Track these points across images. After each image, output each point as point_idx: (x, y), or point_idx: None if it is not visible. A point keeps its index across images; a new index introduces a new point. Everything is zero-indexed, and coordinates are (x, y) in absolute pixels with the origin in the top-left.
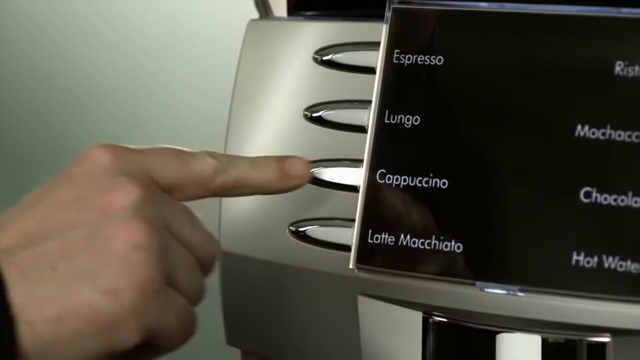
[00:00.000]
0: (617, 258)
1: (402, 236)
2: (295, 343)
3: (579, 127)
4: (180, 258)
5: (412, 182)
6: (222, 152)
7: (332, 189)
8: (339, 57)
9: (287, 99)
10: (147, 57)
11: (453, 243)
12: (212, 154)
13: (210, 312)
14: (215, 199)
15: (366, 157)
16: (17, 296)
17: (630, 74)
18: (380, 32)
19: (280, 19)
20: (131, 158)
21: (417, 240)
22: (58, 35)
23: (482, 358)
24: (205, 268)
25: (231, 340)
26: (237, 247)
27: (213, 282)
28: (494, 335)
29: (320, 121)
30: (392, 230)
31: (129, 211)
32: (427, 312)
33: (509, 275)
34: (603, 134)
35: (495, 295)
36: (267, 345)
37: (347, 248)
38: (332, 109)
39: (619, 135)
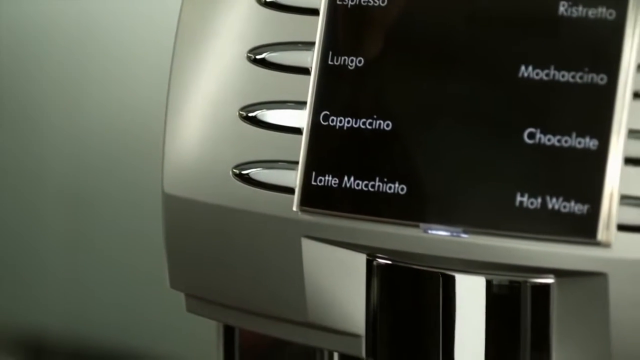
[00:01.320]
0: (560, 199)
1: (345, 178)
2: (239, 286)
3: (523, 68)
4: None
5: (355, 124)
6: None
7: (276, 131)
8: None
9: (230, 41)
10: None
11: (397, 185)
12: None
13: (154, 256)
14: (158, 144)
15: (310, 99)
16: None
17: (574, 14)
18: None
19: None
20: None
21: (360, 182)
22: None
23: (426, 300)
24: None
25: (174, 283)
26: (180, 190)
27: (157, 225)
28: (438, 277)
29: (263, 63)
30: (336, 172)
31: None
32: (371, 254)
33: (452, 217)
34: (547, 75)
35: (439, 237)
36: (210, 289)
37: (290, 190)
38: (275, 50)
39: (563, 76)
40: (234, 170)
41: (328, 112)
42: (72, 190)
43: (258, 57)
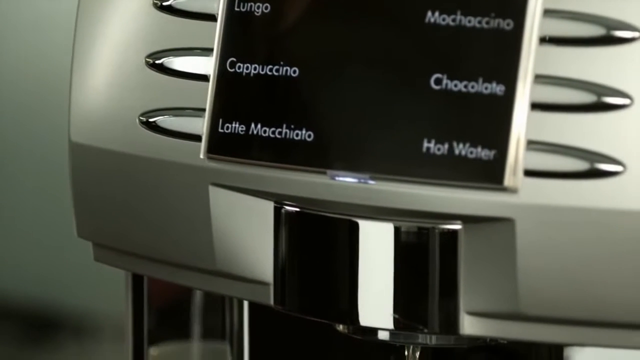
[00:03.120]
0: (467, 145)
1: (252, 125)
2: (146, 234)
3: (430, 13)
4: None
5: (262, 70)
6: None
7: (183, 78)
8: None
9: None
10: None
11: (304, 132)
12: None
13: (62, 205)
14: (65, 91)
15: (216, 46)
16: None
17: None
18: None
19: None
20: None
21: (267, 130)
22: None
23: (333, 247)
24: None
25: (81, 232)
26: (87, 138)
27: (64, 173)
28: (346, 224)
29: (170, 10)
30: (243, 119)
31: None
32: (279, 201)
33: (359, 164)
34: (453, 21)
35: (346, 184)
36: (117, 237)
37: (197, 138)
38: None
39: (469, 22)
40: (141, 118)
41: (235, 59)
42: None
43: (164, 3)
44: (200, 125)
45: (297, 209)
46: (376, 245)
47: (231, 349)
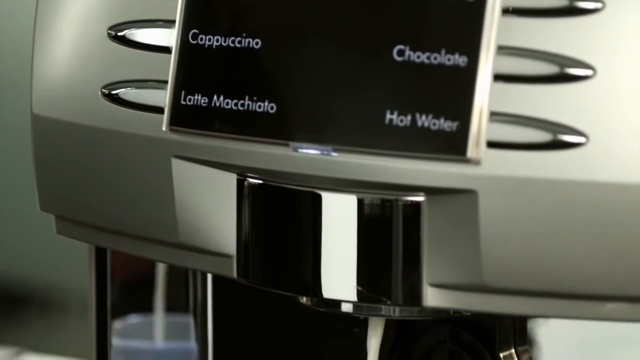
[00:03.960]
0: (430, 116)
1: (215, 97)
2: (109, 207)
3: None
4: None
5: (225, 42)
6: None
7: (145, 50)
8: None
9: None
10: None
11: (266, 104)
12: None
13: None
14: (28, 61)
15: (178, 18)
16: None
17: None
18: None
19: None
20: None
21: (230, 101)
22: None
23: (297, 219)
24: None
25: (44, 205)
26: (49, 111)
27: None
28: (309, 196)
29: None
30: (206, 91)
31: None
32: (242, 173)
33: (322, 136)
34: None
35: (309, 156)
36: (80, 210)
37: (160, 110)
38: None
39: None
40: (103, 90)
41: (197, 31)
42: None
43: None
44: (163, 98)
45: (260, 181)
46: (339, 217)
47: (195, 322)
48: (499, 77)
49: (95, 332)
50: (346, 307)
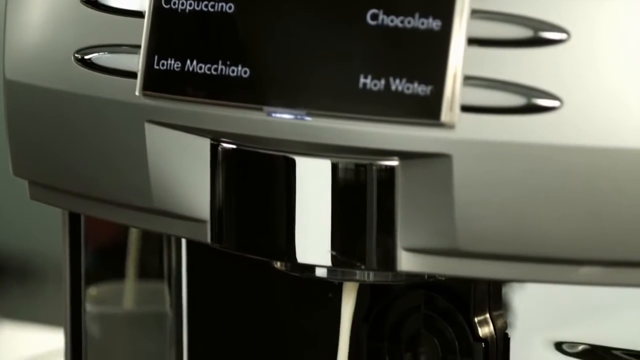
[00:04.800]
0: (404, 80)
1: (188, 62)
2: (82, 172)
3: None
4: None
5: (198, 6)
6: None
7: (118, 15)
8: None
9: None
10: None
11: (240, 68)
12: None
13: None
14: (0, 26)
15: None
16: None
17: None
18: None
19: None
20: None
21: (203, 66)
22: None
23: (271, 184)
24: None
25: (17, 171)
26: (22, 76)
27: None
28: (283, 161)
29: None
30: (179, 55)
31: None
32: (215, 138)
33: (296, 100)
34: None
35: (283, 120)
36: (53, 176)
37: (133, 75)
38: None
39: None
40: (76, 55)
41: None
42: None
43: None
44: (136, 62)
45: (234, 146)
46: (313, 182)
47: (169, 288)
48: (473, 41)
49: (69, 299)
50: (320, 272)
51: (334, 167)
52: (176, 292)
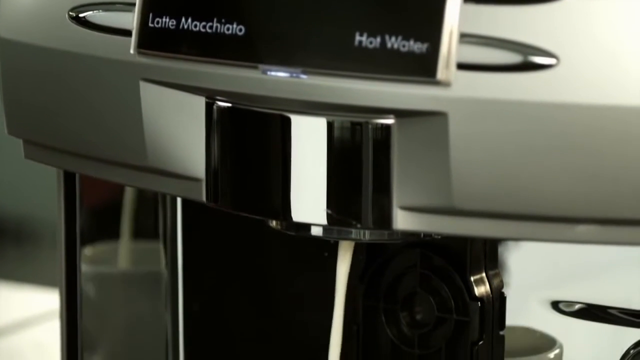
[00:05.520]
0: (400, 38)
1: (183, 19)
2: (77, 131)
3: None
4: None
5: None
6: None
7: None
8: None
9: None
10: None
11: (235, 26)
12: None
13: None
14: None
15: None
16: None
17: None
18: None
19: None
20: None
21: (198, 24)
22: None
23: (266, 142)
24: None
25: (12, 130)
26: (16, 34)
27: None
28: (278, 119)
29: None
30: (174, 13)
31: None
32: (211, 96)
33: (291, 58)
34: None
35: (278, 79)
36: (48, 134)
37: (128, 33)
38: None
39: None
40: (71, 13)
41: None
42: None
43: None
44: (131, 20)
45: (229, 104)
46: (309, 140)
47: (165, 247)
48: None
49: (64, 259)
50: (316, 231)
51: (330, 126)
52: (171, 251)
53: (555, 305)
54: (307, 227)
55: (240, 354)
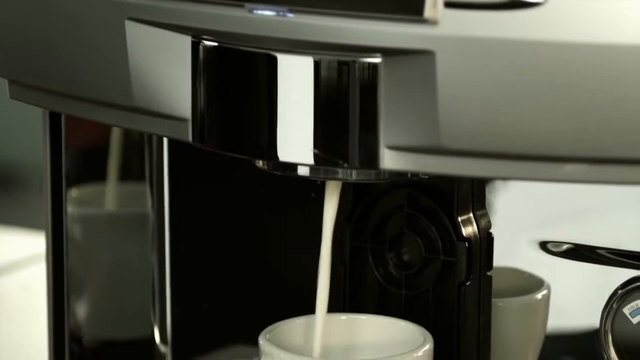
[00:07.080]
0: None
1: None
2: (63, 70)
3: None
4: None
5: None
6: None
7: None
8: None
9: None
10: None
11: None
12: None
13: None
14: None
15: None
16: None
17: None
18: None
19: None
20: None
21: None
22: None
23: (253, 81)
24: None
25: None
26: None
27: None
28: (265, 58)
29: None
30: None
31: None
32: (197, 35)
33: None
34: None
35: (265, 17)
36: (33, 74)
37: None
38: None
39: None
40: None
41: None
42: None
43: None
44: None
45: (215, 44)
46: (295, 80)
47: (151, 189)
48: None
49: (50, 201)
50: (302, 171)
51: (317, 64)
52: (158, 192)
53: (544, 245)
54: (293, 167)
55: (226, 295)
